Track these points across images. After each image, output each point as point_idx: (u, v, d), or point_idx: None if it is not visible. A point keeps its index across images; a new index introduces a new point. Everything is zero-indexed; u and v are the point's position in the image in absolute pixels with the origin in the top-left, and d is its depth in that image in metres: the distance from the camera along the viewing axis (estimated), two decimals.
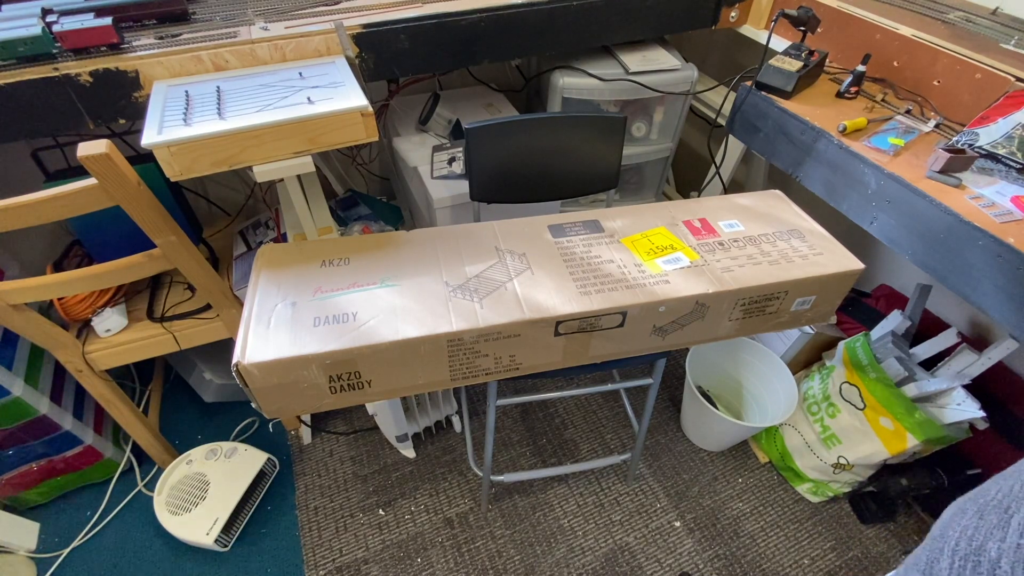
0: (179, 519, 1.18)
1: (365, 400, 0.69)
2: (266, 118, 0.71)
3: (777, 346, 1.40)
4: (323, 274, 0.70)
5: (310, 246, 0.75)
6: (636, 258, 0.75)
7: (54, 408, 1.14)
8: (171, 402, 1.50)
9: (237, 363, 0.58)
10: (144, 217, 0.83)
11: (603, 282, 0.71)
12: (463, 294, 0.68)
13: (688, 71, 1.22)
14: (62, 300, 1.02)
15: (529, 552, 1.23)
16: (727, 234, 0.81)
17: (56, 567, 1.19)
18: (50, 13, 0.83)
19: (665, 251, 0.76)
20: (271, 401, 0.63)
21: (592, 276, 0.71)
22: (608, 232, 0.79)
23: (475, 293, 0.68)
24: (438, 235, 0.78)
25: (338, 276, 0.70)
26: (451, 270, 0.71)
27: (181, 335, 1.09)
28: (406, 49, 0.95)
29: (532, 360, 0.71)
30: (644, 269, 0.73)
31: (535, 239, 0.78)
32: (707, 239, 0.79)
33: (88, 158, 0.71)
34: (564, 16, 1.04)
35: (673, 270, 0.73)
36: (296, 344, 0.60)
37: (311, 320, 0.63)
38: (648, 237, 0.79)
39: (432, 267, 0.72)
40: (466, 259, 0.73)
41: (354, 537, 1.24)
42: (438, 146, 1.18)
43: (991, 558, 0.27)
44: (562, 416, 1.48)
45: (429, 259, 0.73)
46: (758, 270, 0.74)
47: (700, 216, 0.83)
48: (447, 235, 0.78)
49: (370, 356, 0.62)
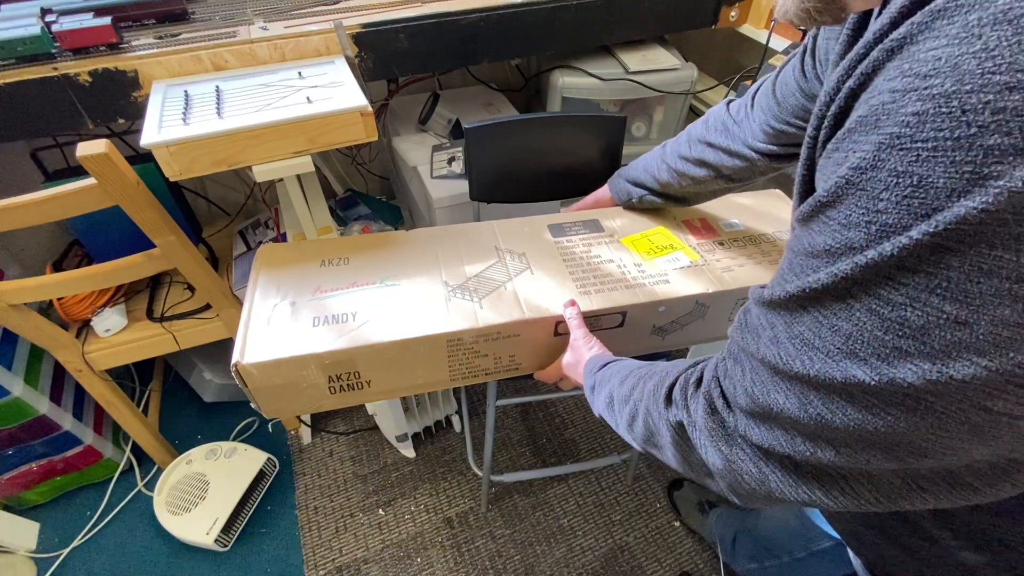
0: (179, 519, 1.18)
1: (365, 400, 0.69)
2: (265, 118, 0.71)
3: None
4: (322, 274, 0.70)
5: (309, 246, 0.75)
6: (636, 257, 0.75)
7: (54, 408, 1.14)
8: (171, 402, 1.50)
9: (236, 363, 0.58)
10: (143, 217, 0.83)
11: (603, 282, 0.70)
12: (463, 294, 0.67)
13: (688, 70, 1.22)
14: (61, 300, 1.02)
15: (529, 552, 1.23)
16: (727, 233, 0.80)
17: (56, 567, 1.19)
18: (49, 13, 0.83)
19: (665, 251, 0.76)
20: (270, 401, 0.63)
21: (592, 276, 0.71)
22: (608, 232, 0.79)
23: (475, 293, 0.68)
24: (438, 235, 0.78)
25: (337, 276, 0.69)
26: (451, 270, 0.71)
27: (181, 335, 1.09)
28: (406, 48, 0.95)
29: (532, 360, 0.71)
30: (644, 269, 0.73)
31: (535, 239, 0.77)
32: (707, 239, 0.79)
33: (87, 158, 0.71)
34: (564, 16, 1.04)
35: (673, 270, 0.73)
36: (295, 344, 0.60)
37: (310, 320, 0.63)
38: (648, 237, 0.78)
39: (431, 267, 0.71)
40: (465, 259, 0.73)
41: (354, 537, 1.24)
42: (438, 146, 1.18)
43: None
44: (562, 416, 1.48)
45: (429, 259, 0.73)
46: (759, 269, 0.74)
47: (700, 216, 0.83)
48: (447, 235, 0.78)
49: (369, 356, 0.61)
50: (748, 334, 0.33)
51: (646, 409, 0.44)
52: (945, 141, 0.21)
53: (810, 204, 0.27)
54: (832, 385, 0.27)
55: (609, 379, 0.53)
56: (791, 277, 0.29)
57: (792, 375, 0.29)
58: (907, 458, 0.27)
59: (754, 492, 0.34)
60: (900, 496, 0.29)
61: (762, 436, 0.32)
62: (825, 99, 0.29)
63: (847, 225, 0.25)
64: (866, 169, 0.24)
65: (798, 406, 0.29)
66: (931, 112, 0.21)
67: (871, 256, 0.24)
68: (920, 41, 0.22)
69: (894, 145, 0.22)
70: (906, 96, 0.22)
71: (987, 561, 0.37)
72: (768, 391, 0.31)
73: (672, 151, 0.73)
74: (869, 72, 0.25)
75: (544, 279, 0.70)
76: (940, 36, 0.21)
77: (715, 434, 0.36)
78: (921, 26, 0.22)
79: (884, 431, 0.26)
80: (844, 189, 0.25)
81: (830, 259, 0.26)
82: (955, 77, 0.20)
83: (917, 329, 0.23)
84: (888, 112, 0.23)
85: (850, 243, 0.25)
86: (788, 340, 0.29)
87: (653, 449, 0.45)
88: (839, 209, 0.25)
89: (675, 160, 0.72)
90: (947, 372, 0.23)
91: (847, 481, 0.30)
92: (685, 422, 0.39)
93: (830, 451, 0.29)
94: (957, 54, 0.20)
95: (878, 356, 0.25)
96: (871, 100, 0.24)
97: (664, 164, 0.74)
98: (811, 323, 0.28)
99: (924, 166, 0.21)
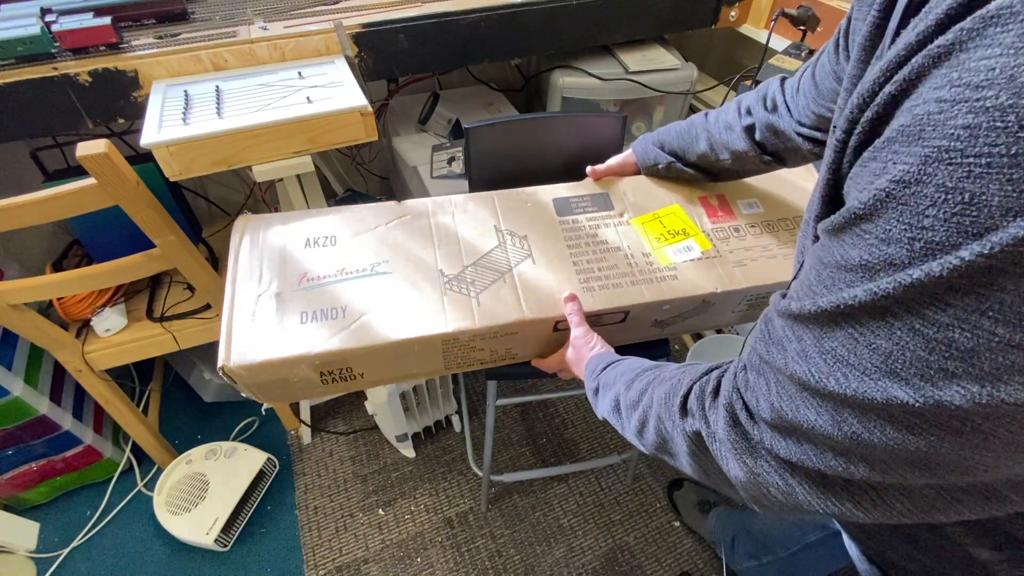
0: (179, 519, 1.18)
1: (357, 388, 0.67)
2: (265, 118, 0.71)
3: None
4: (308, 257, 0.64)
5: (293, 218, 0.68)
6: (645, 245, 0.70)
7: (54, 408, 1.14)
8: (171, 402, 1.50)
9: (223, 366, 0.55)
10: (143, 217, 0.83)
11: (608, 275, 0.67)
12: (459, 286, 0.64)
13: (688, 70, 1.22)
14: (61, 300, 1.02)
15: (529, 552, 1.23)
16: (745, 216, 0.75)
17: (56, 567, 1.19)
18: (49, 12, 0.83)
19: (677, 237, 0.71)
20: (261, 394, 0.61)
21: (597, 267, 0.67)
22: (618, 211, 0.73)
23: (472, 286, 0.64)
24: (433, 208, 0.72)
25: (325, 260, 0.64)
26: (447, 254, 0.66)
27: (181, 335, 1.09)
28: (405, 48, 0.95)
29: (529, 351, 0.69)
30: (652, 260, 0.69)
31: (538, 217, 0.72)
32: (723, 223, 0.74)
33: (87, 158, 0.71)
34: (564, 16, 1.04)
35: (683, 262, 0.69)
36: (284, 344, 0.57)
37: (298, 315, 0.59)
38: (660, 219, 0.73)
39: (427, 249, 0.66)
40: (463, 241, 0.68)
41: (354, 537, 1.24)
42: (437, 146, 1.18)
43: None
44: (562, 416, 1.48)
45: (423, 239, 0.67)
46: (772, 265, 0.70)
47: (719, 192, 0.77)
48: (442, 208, 0.72)
49: (362, 355, 0.59)
50: (773, 347, 0.32)
51: (657, 417, 0.43)
52: (1001, 157, 0.20)
53: (843, 216, 0.26)
54: (870, 405, 0.26)
55: (614, 382, 0.51)
56: (822, 291, 0.28)
57: (825, 393, 0.27)
58: (947, 475, 0.26)
59: (780, 504, 0.33)
60: (935, 509, 0.28)
61: (790, 451, 0.31)
62: (858, 101, 0.27)
63: (886, 240, 0.24)
64: (910, 183, 0.22)
65: (831, 424, 0.28)
66: (984, 126, 0.20)
67: (915, 276, 0.22)
68: (971, 49, 0.21)
69: (942, 159, 0.21)
70: (955, 107, 0.21)
71: (1002, 557, 0.37)
72: (797, 407, 0.29)
73: (719, 121, 0.67)
74: (912, 78, 0.23)
75: (546, 270, 0.66)
76: (993, 45, 0.20)
77: (738, 447, 0.35)
78: (972, 32, 0.21)
79: (925, 450, 0.25)
80: (884, 203, 0.24)
81: (867, 275, 0.25)
82: (1011, 90, 0.19)
83: (966, 351, 0.22)
84: (935, 123, 0.22)
85: (890, 259, 0.24)
86: (819, 355, 0.28)
87: (665, 455, 0.44)
88: (877, 223, 0.24)
89: (720, 131, 0.66)
90: (998, 396, 0.22)
91: (879, 494, 0.29)
92: (704, 433, 0.38)
93: (864, 467, 0.28)
94: (1013, 64, 0.19)
95: (921, 376, 0.23)
96: (915, 109, 0.23)
97: (705, 133, 0.68)
98: (845, 339, 0.26)
99: (977, 183, 0.20)
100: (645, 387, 0.47)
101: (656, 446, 0.44)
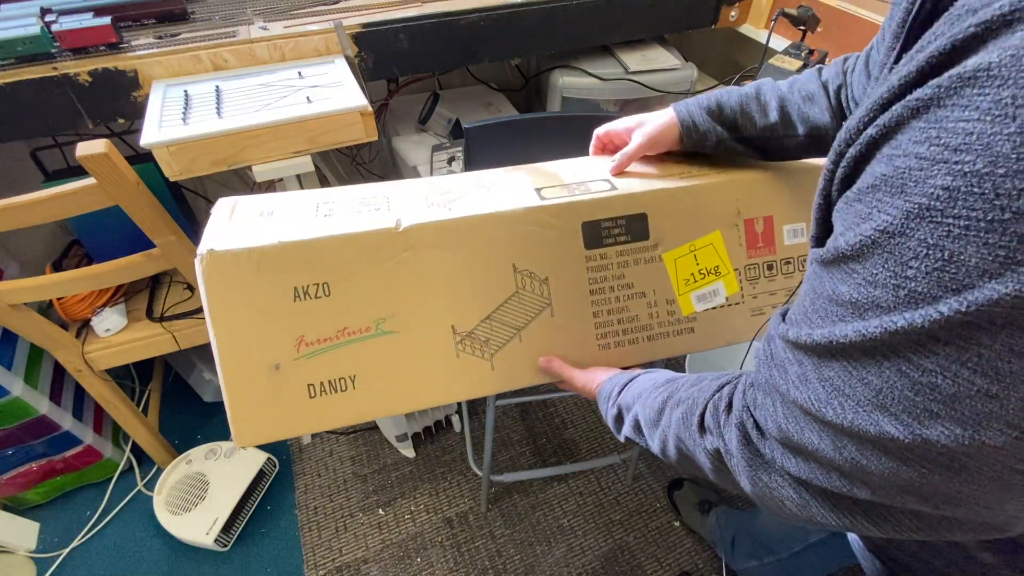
0: (179, 519, 1.18)
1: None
2: (265, 118, 0.71)
3: None
4: (300, 313, 0.54)
5: (269, 260, 0.51)
6: (671, 290, 0.63)
7: (54, 408, 1.14)
8: (171, 402, 1.50)
9: (236, 445, 0.56)
10: (143, 217, 0.83)
11: (626, 329, 0.62)
12: (472, 346, 0.58)
13: (688, 70, 1.22)
14: (61, 300, 1.02)
15: (529, 552, 1.23)
16: (785, 249, 0.66)
17: (56, 567, 1.19)
18: (49, 12, 0.83)
19: (707, 280, 0.64)
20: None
21: (616, 319, 0.62)
22: (653, 240, 0.63)
23: (486, 346, 0.58)
24: (441, 240, 0.57)
25: (321, 317, 0.55)
26: (458, 305, 0.57)
27: (181, 335, 1.09)
28: (405, 48, 0.95)
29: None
30: (675, 309, 0.63)
31: (564, 247, 0.60)
32: (759, 257, 0.66)
33: (87, 158, 0.71)
34: (564, 15, 1.04)
35: (704, 310, 0.64)
36: (298, 423, 0.56)
37: (305, 390, 0.55)
38: (696, 253, 0.64)
39: (435, 298, 0.57)
40: (477, 286, 0.58)
41: (354, 537, 1.24)
42: (437, 145, 1.18)
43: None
44: (562, 416, 1.48)
45: (429, 284, 0.56)
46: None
47: (766, 215, 0.66)
48: (451, 239, 0.57)
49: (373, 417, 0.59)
50: (775, 369, 0.32)
51: (677, 437, 0.43)
52: (978, 222, 0.20)
53: (831, 252, 0.27)
54: (865, 436, 0.26)
55: (632, 405, 0.51)
56: (817, 320, 0.29)
57: (824, 421, 0.28)
58: (943, 506, 0.27)
59: (797, 516, 0.34)
60: (944, 528, 0.29)
61: (799, 468, 0.32)
62: (845, 136, 0.28)
63: (873, 283, 0.25)
64: (894, 234, 0.23)
65: (833, 449, 0.29)
66: (963, 189, 0.21)
67: (899, 324, 0.23)
68: (948, 107, 0.22)
69: (923, 216, 0.22)
70: (935, 167, 0.22)
71: (1004, 562, 0.38)
72: (802, 430, 0.30)
73: (797, 90, 0.58)
74: (892, 126, 0.24)
75: (564, 326, 0.60)
76: (970, 107, 0.21)
77: (753, 463, 0.35)
78: (949, 91, 0.22)
79: (919, 481, 0.26)
80: (870, 248, 0.25)
81: (856, 312, 0.26)
82: (988, 158, 0.20)
83: (948, 396, 0.23)
84: (916, 180, 0.22)
85: (876, 301, 0.25)
86: (818, 382, 0.29)
87: (695, 471, 0.44)
88: (864, 265, 0.25)
89: (800, 101, 0.57)
90: (978, 439, 0.23)
91: (889, 510, 0.30)
92: (722, 450, 0.38)
93: (866, 491, 0.29)
94: (990, 132, 0.20)
95: (909, 414, 0.24)
96: (895, 160, 0.24)
97: (777, 102, 0.58)
98: (840, 371, 0.27)
99: (956, 243, 0.21)
100: (662, 406, 0.46)
101: (678, 462, 0.45)
